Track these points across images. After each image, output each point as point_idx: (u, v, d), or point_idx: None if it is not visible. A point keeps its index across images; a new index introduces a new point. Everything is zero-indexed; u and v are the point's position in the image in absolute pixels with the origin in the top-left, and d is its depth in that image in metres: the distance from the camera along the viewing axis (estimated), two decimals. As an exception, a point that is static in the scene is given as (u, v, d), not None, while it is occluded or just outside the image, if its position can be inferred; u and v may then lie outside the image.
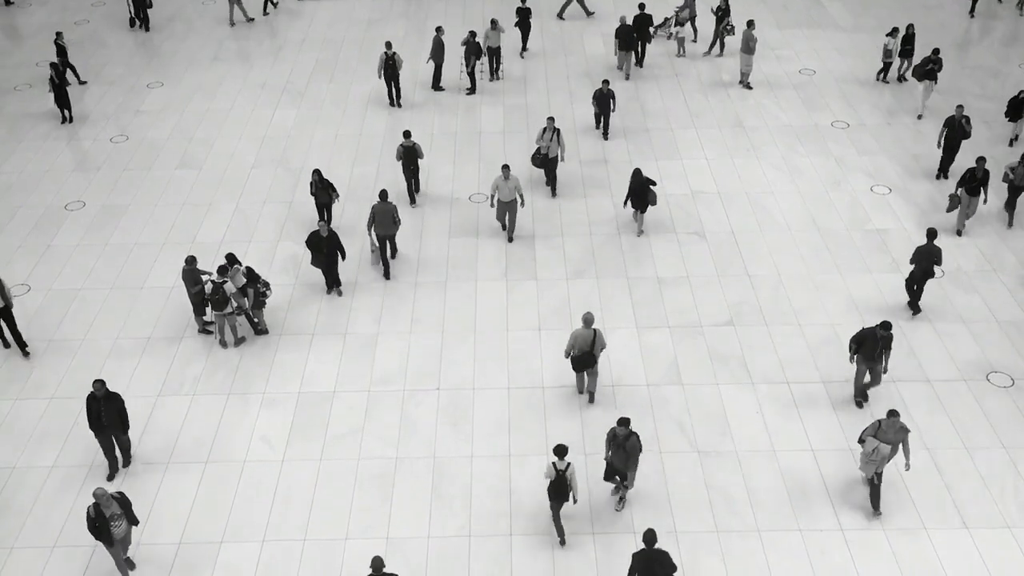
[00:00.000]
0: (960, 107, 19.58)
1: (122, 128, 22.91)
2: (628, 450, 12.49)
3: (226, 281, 15.58)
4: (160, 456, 14.22)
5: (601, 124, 22.20)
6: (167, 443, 14.44)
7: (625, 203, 18.63)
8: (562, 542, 12.76)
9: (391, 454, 14.14)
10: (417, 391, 15.29)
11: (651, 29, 25.32)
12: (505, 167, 17.63)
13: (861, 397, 14.86)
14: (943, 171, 20.34)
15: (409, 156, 19.35)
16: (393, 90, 23.58)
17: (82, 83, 24.71)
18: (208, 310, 16.53)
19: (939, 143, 20.17)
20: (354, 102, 23.92)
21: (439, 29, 23.64)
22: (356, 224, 19.32)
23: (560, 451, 12.29)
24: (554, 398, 15.11)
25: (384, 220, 17.33)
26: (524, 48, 26.22)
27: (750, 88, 24.26)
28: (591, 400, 15.01)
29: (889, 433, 12.61)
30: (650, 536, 11.10)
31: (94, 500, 11.45)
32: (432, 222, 19.35)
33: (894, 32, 23.80)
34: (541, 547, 12.74)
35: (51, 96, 23.01)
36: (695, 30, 26.65)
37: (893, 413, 12.54)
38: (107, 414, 13.29)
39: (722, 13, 25.35)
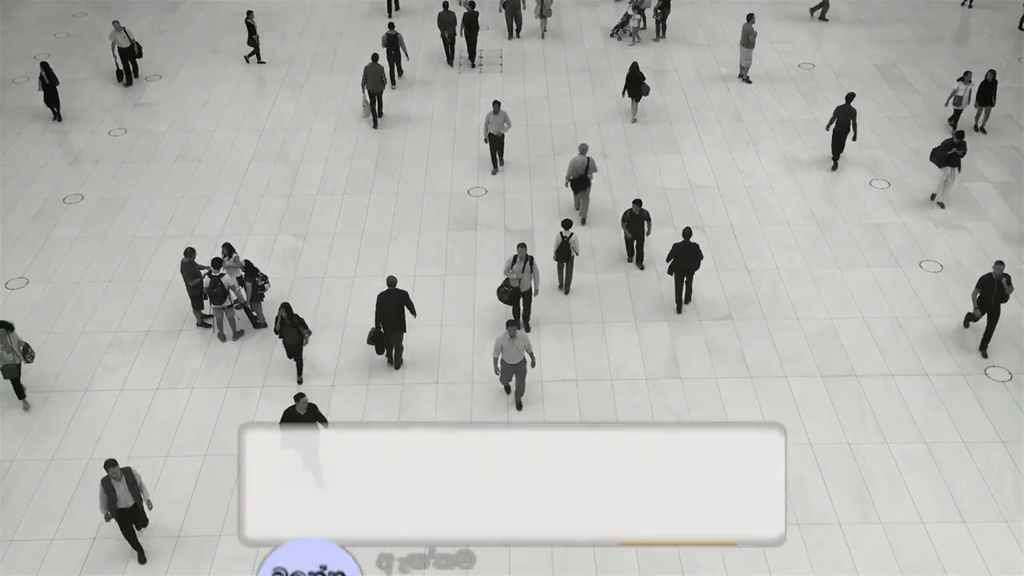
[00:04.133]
0: (1000, 264, 15.30)
1: (120, 121, 22.86)
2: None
3: (224, 274, 15.57)
4: (159, 449, 14.23)
5: (635, 253, 17.81)
6: (166, 436, 14.45)
7: (624, 92, 21.96)
8: (566, 292, 16.97)
9: (390, 447, 14.14)
10: (415, 384, 15.28)
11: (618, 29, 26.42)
12: (510, 323, 14.35)
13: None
14: (984, 346, 15.71)
15: (392, 43, 23.42)
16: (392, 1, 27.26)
17: (261, 63, 25.27)
18: (206, 304, 16.52)
19: (975, 308, 15.45)
20: (353, 95, 23.86)
21: (445, 4, 24.55)
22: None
23: (566, 224, 16.50)
24: (552, 392, 15.11)
25: (374, 79, 21.77)
26: None
27: (749, 82, 24.22)
28: (583, 221, 18.68)
29: None
30: (687, 231, 16.19)
31: None
32: (430, 216, 19.33)
33: (966, 77, 21.17)
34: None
35: (43, 94, 22.51)
36: (645, 19, 26.64)
37: None
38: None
39: (661, 3, 26.07)
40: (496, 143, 20.32)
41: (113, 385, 15.39)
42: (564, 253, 16.63)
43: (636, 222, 17.40)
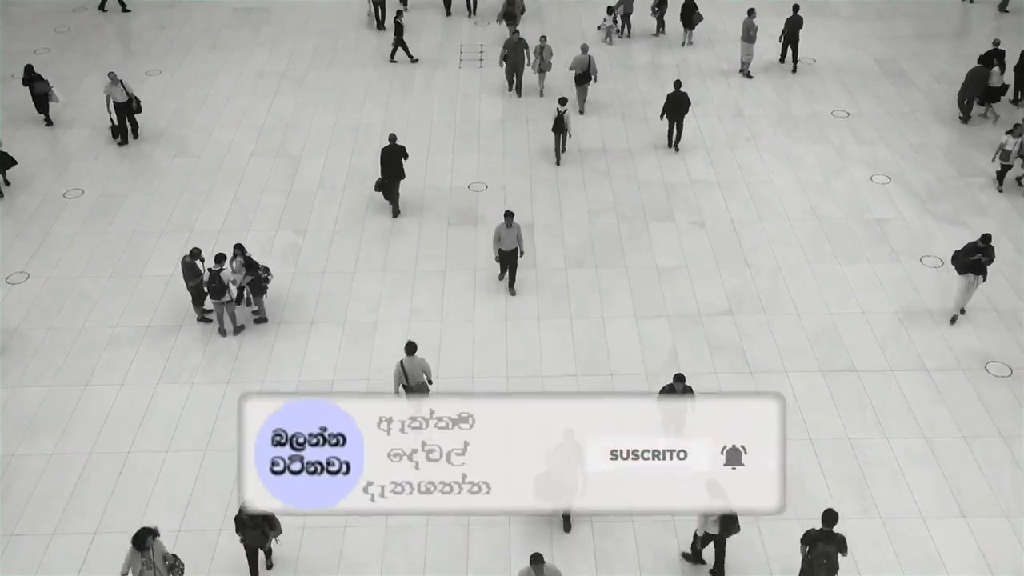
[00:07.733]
0: None
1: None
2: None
3: (223, 268, 15.55)
4: (159, 445, 14.23)
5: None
6: (166, 432, 14.45)
7: (683, 21, 25.28)
8: (557, 163, 20.52)
9: (390, 443, 14.14)
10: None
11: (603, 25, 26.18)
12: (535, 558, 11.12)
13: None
14: None
15: None
16: None
17: (393, 61, 25.11)
18: (206, 299, 16.52)
19: None
20: (353, 90, 23.84)
21: None
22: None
23: (562, 101, 19.92)
24: (553, 387, 15.11)
25: None
26: None
27: (750, 77, 24.19)
28: (581, 111, 22.04)
29: None
30: (677, 83, 20.48)
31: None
32: (431, 211, 19.31)
33: (1016, 129, 18.92)
34: (540, 537, 12.76)
35: (39, 100, 22.07)
36: (629, 26, 26.36)
37: None
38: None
39: (657, 3, 25.97)
40: (508, 259, 16.81)
41: (113, 380, 15.39)
42: (559, 126, 20.01)
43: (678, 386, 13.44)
